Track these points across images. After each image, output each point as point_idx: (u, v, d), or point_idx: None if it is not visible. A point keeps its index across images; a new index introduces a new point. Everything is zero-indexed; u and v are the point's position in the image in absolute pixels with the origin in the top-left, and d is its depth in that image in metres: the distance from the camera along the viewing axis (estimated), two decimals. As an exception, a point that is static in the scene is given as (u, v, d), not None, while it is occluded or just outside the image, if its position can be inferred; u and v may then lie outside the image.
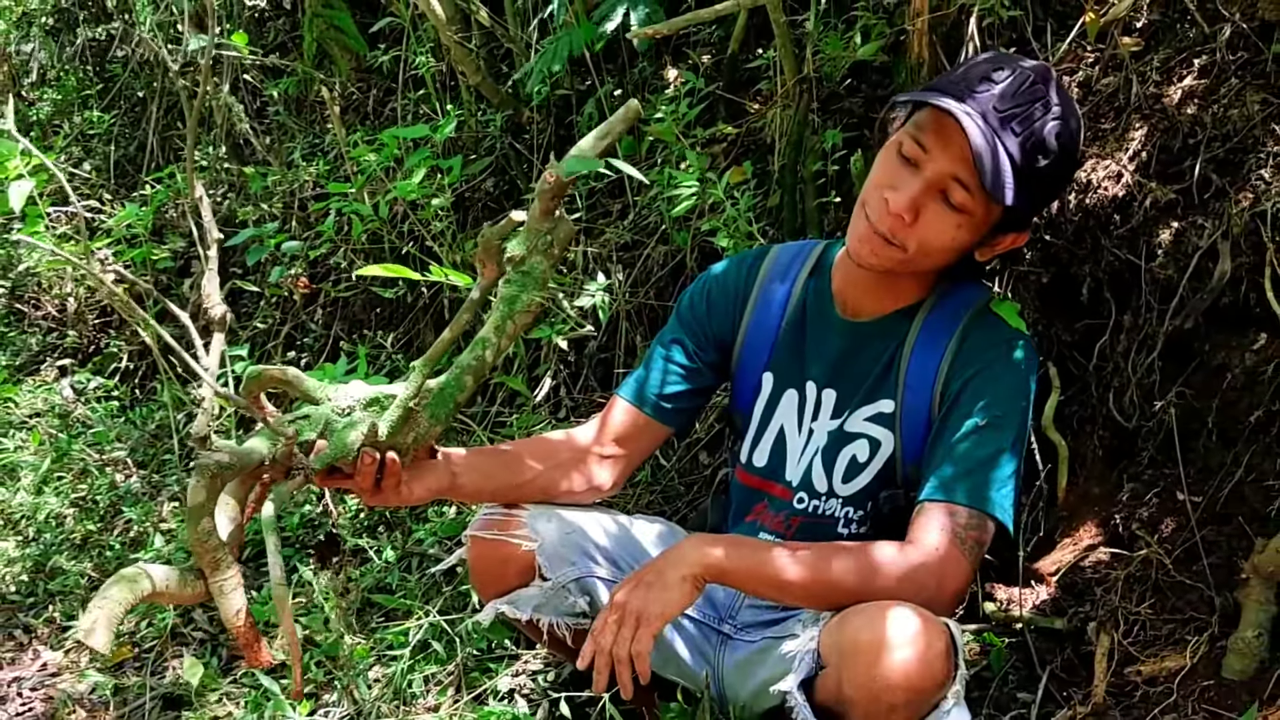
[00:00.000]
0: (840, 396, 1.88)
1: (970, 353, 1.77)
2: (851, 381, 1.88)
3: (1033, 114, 1.62)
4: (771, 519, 1.94)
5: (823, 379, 1.90)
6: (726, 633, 1.96)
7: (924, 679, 1.51)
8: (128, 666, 2.83)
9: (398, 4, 3.75)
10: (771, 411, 1.94)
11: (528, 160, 3.42)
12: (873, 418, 1.85)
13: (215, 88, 4.60)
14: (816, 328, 1.91)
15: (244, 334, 4.09)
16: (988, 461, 1.70)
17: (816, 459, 1.90)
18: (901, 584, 1.61)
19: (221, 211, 4.37)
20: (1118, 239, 2.07)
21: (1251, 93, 1.93)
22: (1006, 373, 1.75)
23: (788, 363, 1.93)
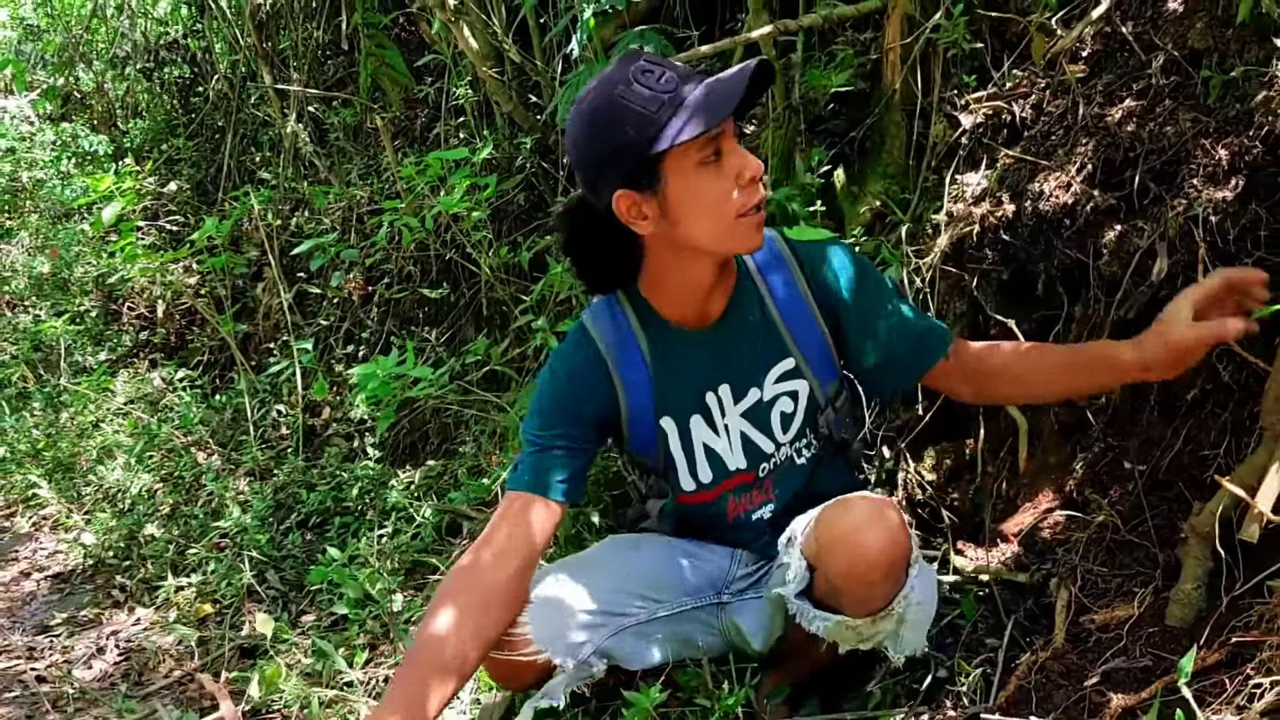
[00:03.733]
0: (735, 386, 1.81)
1: (818, 273, 1.78)
2: (741, 368, 1.80)
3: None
4: (750, 498, 1.89)
5: (714, 382, 1.81)
6: (725, 601, 1.94)
7: (896, 549, 1.57)
8: (209, 621, 2.85)
9: (440, 43, 3.76)
10: (690, 442, 1.84)
11: (554, 177, 3.42)
12: (780, 378, 1.81)
13: (284, 117, 4.62)
14: (681, 357, 1.79)
15: (309, 330, 4.10)
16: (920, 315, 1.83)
17: (752, 438, 1.84)
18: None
19: (290, 225, 4.39)
20: (1068, 240, 2.04)
21: (1183, 112, 1.91)
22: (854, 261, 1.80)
23: (677, 399, 1.81)
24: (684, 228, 1.60)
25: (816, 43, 2.60)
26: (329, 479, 3.41)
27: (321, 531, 3.24)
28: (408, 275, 3.76)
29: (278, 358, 4.02)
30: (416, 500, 3.00)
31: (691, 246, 1.64)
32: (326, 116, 4.56)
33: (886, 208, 2.37)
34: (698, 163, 1.54)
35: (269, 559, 3.06)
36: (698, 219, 1.58)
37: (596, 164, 1.58)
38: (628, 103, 1.51)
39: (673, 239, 1.63)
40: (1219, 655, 1.53)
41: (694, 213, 1.58)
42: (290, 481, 3.46)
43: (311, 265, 3.75)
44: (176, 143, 5.52)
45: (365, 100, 4.31)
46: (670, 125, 1.50)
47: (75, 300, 5.12)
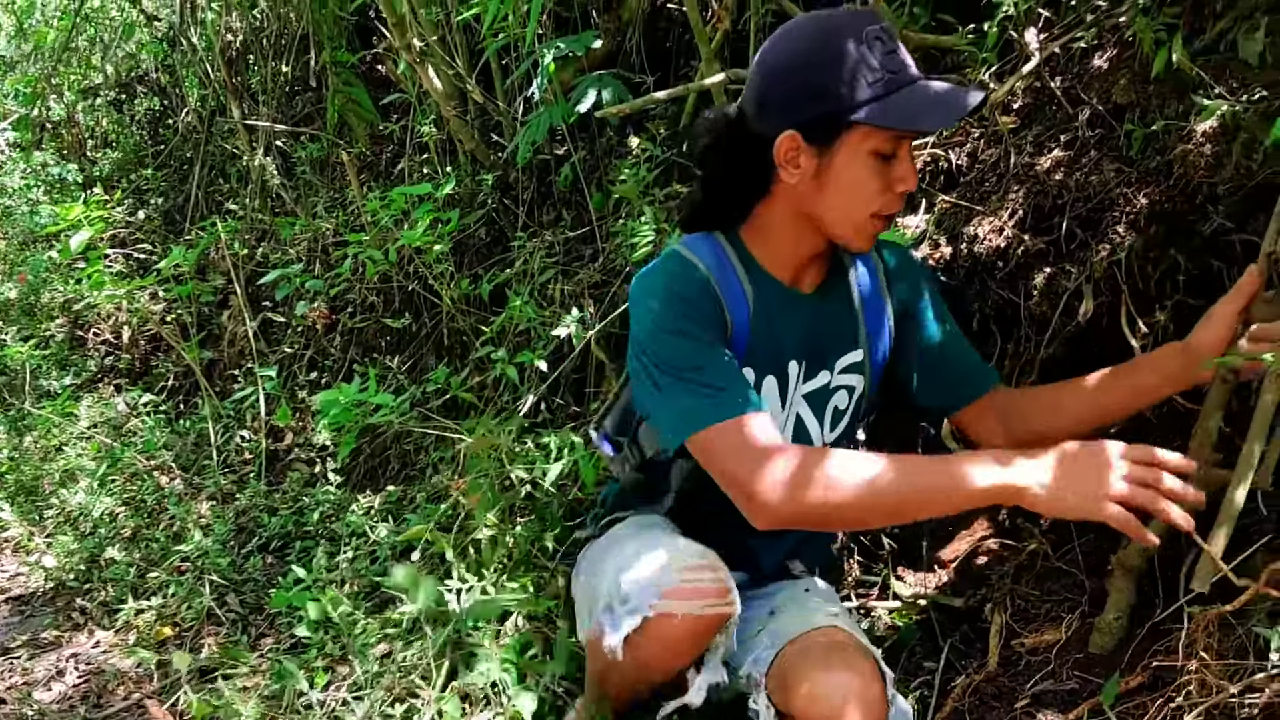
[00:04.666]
0: (810, 362, 1.69)
1: (900, 276, 1.75)
2: (820, 347, 1.70)
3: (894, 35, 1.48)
4: None
5: (798, 354, 1.68)
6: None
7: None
8: (169, 644, 2.80)
9: (405, 82, 3.76)
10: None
11: (514, 213, 3.43)
12: (846, 369, 1.73)
13: (252, 150, 4.59)
14: (779, 313, 1.65)
15: (273, 357, 4.06)
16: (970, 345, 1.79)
17: (806, 422, 1.73)
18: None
19: (256, 255, 4.36)
20: (1001, 281, 2.07)
21: (1107, 162, 1.94)
22: (930, 276, 1.79)
23: (764, 352, 1.66)
24: (823, 198, 1.53)
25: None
26: (290, 503, 3.37)
27: (282, 555, 3.19)
28: (371, 305, 3.74)
29: (242, 384, 3.98)
30: (377, 524, 2.97)
31: (815, 217, 1.57)
32: (294, 150, 4.54)
33: (831, 248, 2.39)
34: (873, 150, 1.48)
35: (230, 582, 3.01)
36: (841, 198, 1.52)
37: (787, 94, 1.49)
38: (850, 54, 1.43)
39: (804, 201, 1.56)
40: (1142, 678, 1.55)
41: (841, 191, 1.52)
42: (252, 506, 3.42)
43: (277, 294, 3.72)
44: (145, 173, 5.46)
45: (332, 135, 4.30)
46: (877, 105, 1.43)
47: (42, 325, 5.02)
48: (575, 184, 3.16)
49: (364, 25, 4.41)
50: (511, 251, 3.26)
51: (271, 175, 4.51)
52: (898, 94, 1.44)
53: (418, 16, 3.36)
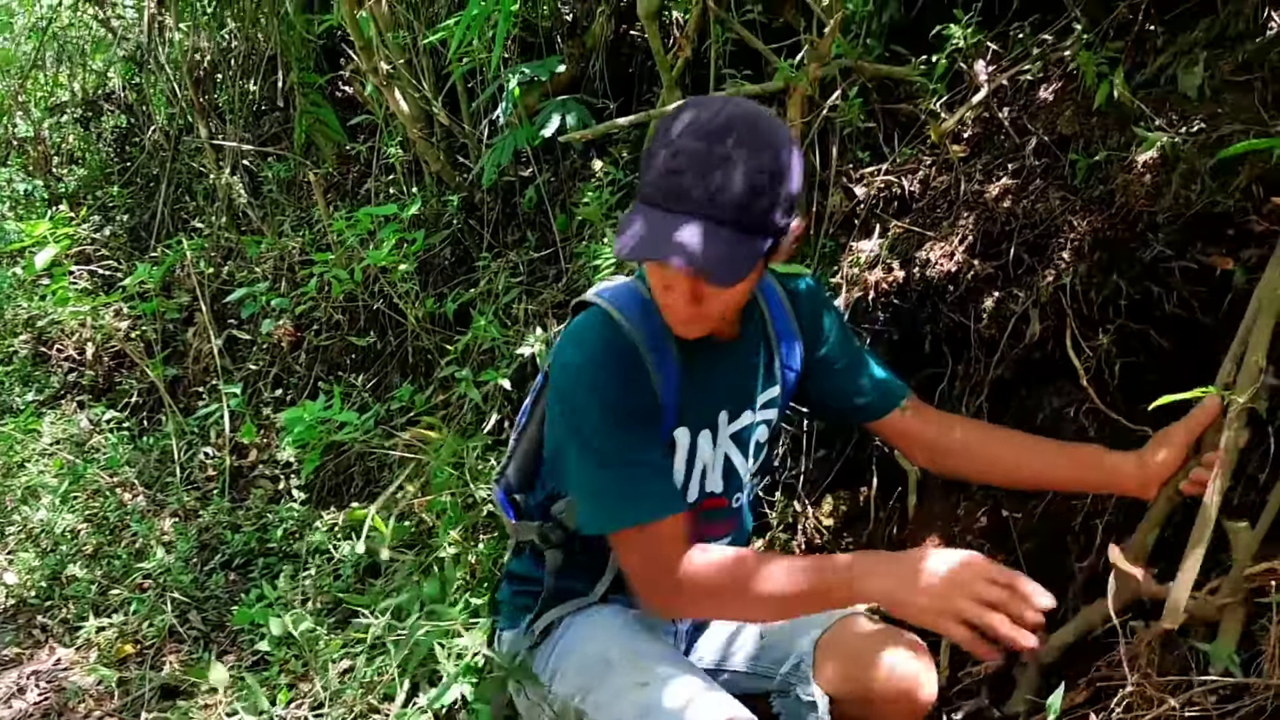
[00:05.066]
0: (736, 406, 1.68)
1: (807, 310, 1.73)
2: (745, 390, 1.68)
3: (718, 187, 1.34)
4: (716, 528, 1.74)
5: (726, 403, 1.66)
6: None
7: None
8: (130, 661, 2.76)
9: (372, 104, 3.76)
10: (694, 458, 1.65)
11: (479, 233, 3.43)
12: (765, 405, 1.72)
13: (219, 169, 4.56)
14: (709, 367, 1.62)
15: (238, 374, 4.02)
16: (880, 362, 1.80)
17: (734, 461, 1.71)
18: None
19: (222, 273, 4.32)
20: (951, 304, 2.09)
21: (1053, 191, 1.97)
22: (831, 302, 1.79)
23: (696, 410, 1.62)
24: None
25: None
26: (254, 520, 3.34)
27: (245, 572, 3.16)
28: (336, 323, 3.72)
29: (206, 401, 3.94)
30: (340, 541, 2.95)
31: None
32: (261, 169, 4.51)
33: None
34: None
35: (192, 599, 2.98)
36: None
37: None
38: (654, 157, 1.38)
39: None
40: (1086, 693, 1.57)
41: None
42: (215, 523, 3.38)
43: (242, 312, 3.69)
44: (111, 190, 5.41)
45: (299, 155, 4.28)
46: (634, 216, 1.39)
47: (5, 341, 4.95)
48: (539, 206, 3.17)
49: (332, 47, 4.40)
50: (476, 271, 3.26)
51: (238, 194, 4.48)
52: (637, 218, 1.38)
53: (385, 40, 3.36)
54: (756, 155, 1.34)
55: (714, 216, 1.34)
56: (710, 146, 1.33)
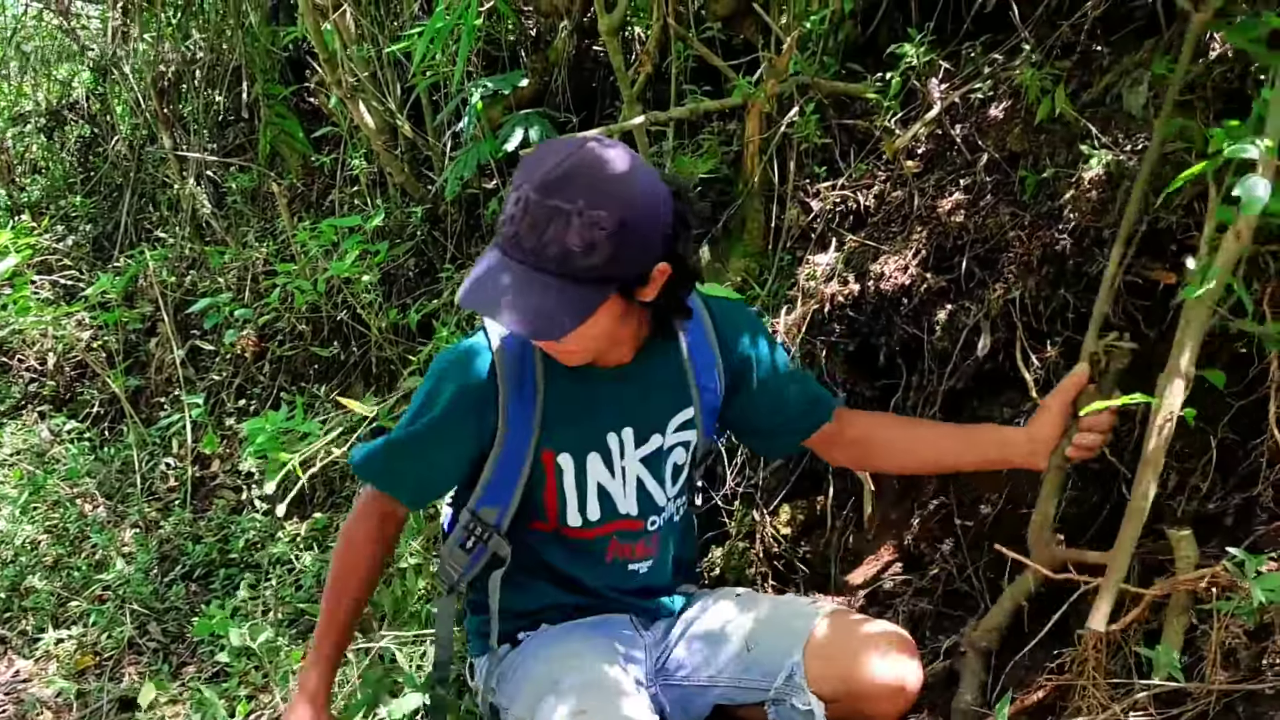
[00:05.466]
0: (639, 429, 1.70)
1: (730, 332, 1.75)
2: (647, 413, 1.70)
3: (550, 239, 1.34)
4: (633, 548, 1.78)
5: (618, 424, 1.68)
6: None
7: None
8: (89, 673, 2.71)
9: (337, 116, 3.73)
10: (585, 480, 1.68)
11: (443, 245, 3.41)
12: (680, 427, 1.73)
13: (182, 179, 4.51)
14: (584, 395, 1.64)
15: (201, 385, 3.97)
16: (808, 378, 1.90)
17: (647, 485, 1.74)
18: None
19: (185, 283, 4.27)
20: (905, 317, 2.10)
21: (1003, 206, 1.99)
22: (759, 324, 1.82)
23: (573, 437, 1.65)
24: None
25: (686, 131, 2.66)
26: (216, 531, 3.29)
27: (206, 583, 3.12)
28: (300, 334, 3.69)
29: (168, 411, 3.88)
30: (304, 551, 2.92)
31: None
32: (225, 180, 4.46)
33: (747, 284, 2.42)
34: None
35: (151, 611, 2.93)
36: None
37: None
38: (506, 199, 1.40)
39: None
40: (1037, 696, 1.58)
41: None
42: (176, 534, 3.33)
43: (205, 323, 3.64)
44: (74, 200, 5.32)
45: (264, 167, 4.24)
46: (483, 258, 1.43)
47: (-36, 351, 4.86)
48: (502, 218, 3.16)
49: (297, 59, 4.36)
50: (440, 283, 3.25)
51: (202, 204, 4.43)
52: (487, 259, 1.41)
53: (349, 53, 3.34)
54: (594, 209, 1.33)
55: (544, 268, 1.35)
56: (544, 198, 1.33)
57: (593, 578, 1.79)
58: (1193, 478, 1.63)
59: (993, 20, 2.27)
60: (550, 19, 3.14)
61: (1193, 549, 1.45)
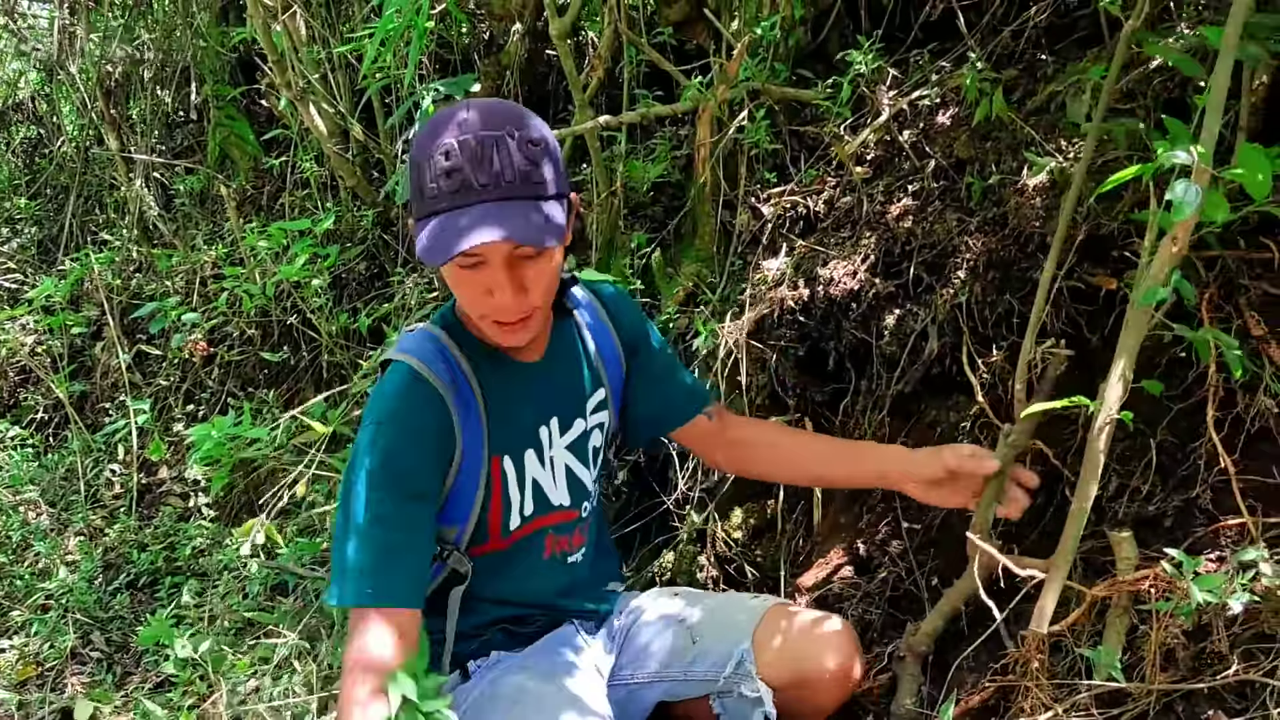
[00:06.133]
0: (563, 417, 1.67)
1: (620, 314, 1.77)
2: (566, 399, 1.69)
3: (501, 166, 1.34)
4: (569, 541, 1.74)
5: (546, 416, 1.65)
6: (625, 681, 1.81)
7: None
8: (30, 683, 2.65)
9: (287, 118, 3.68)
10: (524, 478, 1.64)
11: (394, 249, 3.38)
12: (595, 409, 1.73)
13: (129, 181, 4.42)
14: (512, 390, 1.60)
15: (148, 390, 3.90)
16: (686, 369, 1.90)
17: (575, 471, 1.71)
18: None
19: (131, 286, 4.19)
20: (854, 321, 2.11)
21: (950, 212, 2.01)
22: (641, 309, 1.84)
23: (509, 435, 1.61)
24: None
25: (638, 136, 2.66)
26: (162, 539, 3.23)
27: (152, 592, 3.06)
28: (249, 339, 3.63)
29: (114, 417, 3.80)
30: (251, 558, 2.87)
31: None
32: (173, 182, 4.39)
33: (698, 288, 2.42)
34: (455, 263, 1.40)
35: (95, 620, 2.87)
36: (457, 294, 1.48)
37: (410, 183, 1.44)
38: (422, 170, 1.36)
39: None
40: (981, 697, 1.59)
41: (457, 295, 1.48)
42: (121, 541, 3.26)
43: (152, 327, 3.57)
44: (19, 202, 5.21)
45: (212, 169, 4.17)
46: (422, 231, 1.37)
47: (-96, 356, 4.73)
48: (455, 222, 3.13)
49: (249, 60, 4.30)
50: (391, 286, 3.21)
51: (149, 207, 4.35)
52: (436, 223, 1.35)
53: (299, 54, 3.29)
54: (519, 129, 1.36)
55: (504, 195, 1.34)
56: (477, 137, 1.34)
57: (535, 584, 1.74)
58: (1133, 480, 1.64)
59: (940, 28, 2.29)
60: (503, 22, 3.12)
61: (1133, 550, 1.47)
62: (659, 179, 2.49)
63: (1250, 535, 1.39)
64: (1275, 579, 1.26)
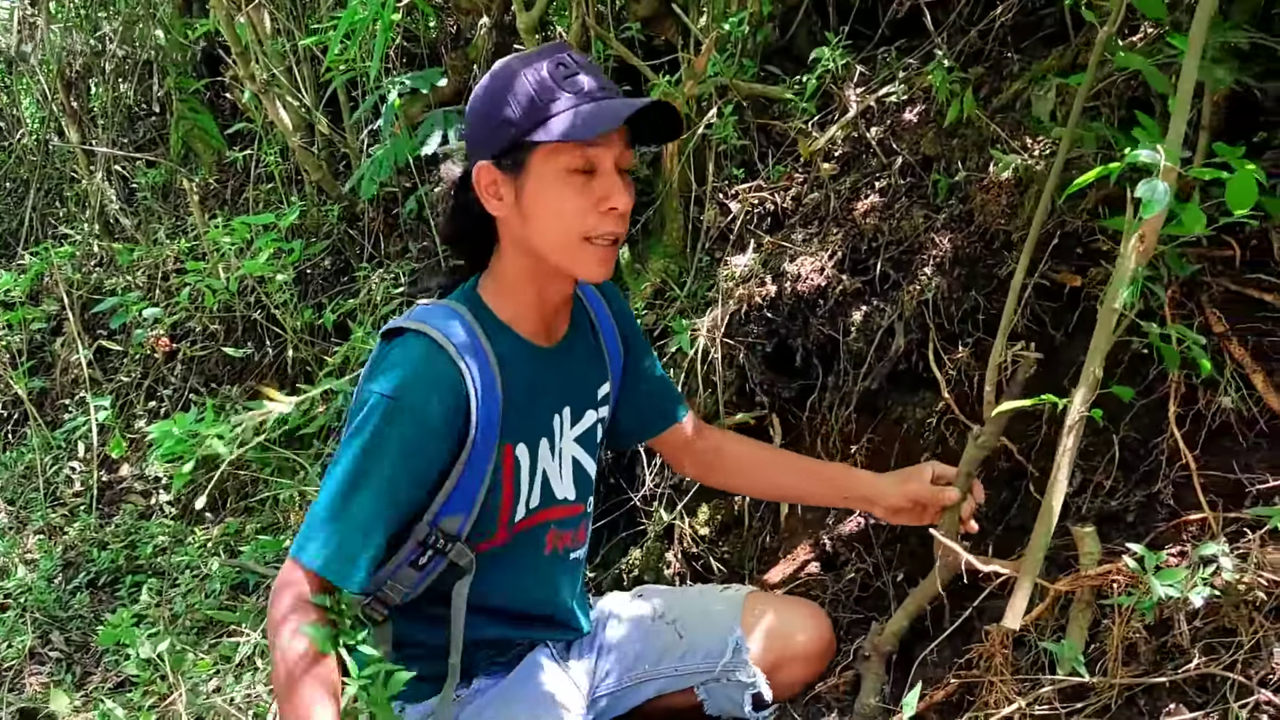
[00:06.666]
0: (575, 407, 1.66)
1: (620, 307, 1.79)
2: (579, 389, 1.67)
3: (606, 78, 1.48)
4: (571, 536, 1.70)
5: (560, 404, 1.63)
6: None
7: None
8: (-13, 684, 2.60)
9: (252, 111, 3.63)
10: (536, 468, 1.60)
11: (360, 244, 3.34)
12: (601, 401, 1.72)
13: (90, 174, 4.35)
14: (532, 375, 1.56)
15: (109, 386, 3.83)
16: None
17: (582, 463, 1.69)
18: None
19: (92, 281, 4.11)
20: (822, 318, 2.11)
21: (917, 209, 2.01)
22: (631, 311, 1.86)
23: (527, 423, 1.57)
24: (530, 225, 1.46)
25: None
26: (123, 537, 3.18)
27: (113, 591, 3.00)
28: (212, 334, 3.58)
29: (74, 414, 3.74)
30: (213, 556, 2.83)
31: (533, 249, 1.49)
32: (135, 176, 4.32)
33: (666, 285, 2.41)
34: (565, 169, 1.42)
35: (54, 620, 2.82)
36: (546, 223, 1.45)
37: (477, 128, 1.47)
38: (526, 83, 1.40)
39: (519, 235, 1.49)
40: (945, 692, 1.59)
41: (544, 216, 1.45)
42: (82, 540, 3.20)
43: (112, 322, 3.51)
44: (-24, 195, 5.12)
45: (175, 162, 4.11)
46: (551, 122, 1.38)
47: None
48: (421, 216, 3.10)
49: (212, 53, 4.24)
50: (356, 282, 3.18)
51: (110, 200, 4.28)
52: (570, 112, 1.40)
53: (263, 47, 3.25)
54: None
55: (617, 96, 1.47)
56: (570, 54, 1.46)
57: (533, 583, 1.68)
58: (1096, 475, 1.65)
59: (907, 26, 2.30)
60: (470, 16, 3.09)
61: (1096, 545, 1.47)
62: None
63: (1211, 530, 1.40)
64: (1235, 574, 1.27)
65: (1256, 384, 1.51)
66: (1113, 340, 1.41)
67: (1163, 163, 1.30)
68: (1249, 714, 1.22)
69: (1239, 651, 1.27)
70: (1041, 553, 1.42)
